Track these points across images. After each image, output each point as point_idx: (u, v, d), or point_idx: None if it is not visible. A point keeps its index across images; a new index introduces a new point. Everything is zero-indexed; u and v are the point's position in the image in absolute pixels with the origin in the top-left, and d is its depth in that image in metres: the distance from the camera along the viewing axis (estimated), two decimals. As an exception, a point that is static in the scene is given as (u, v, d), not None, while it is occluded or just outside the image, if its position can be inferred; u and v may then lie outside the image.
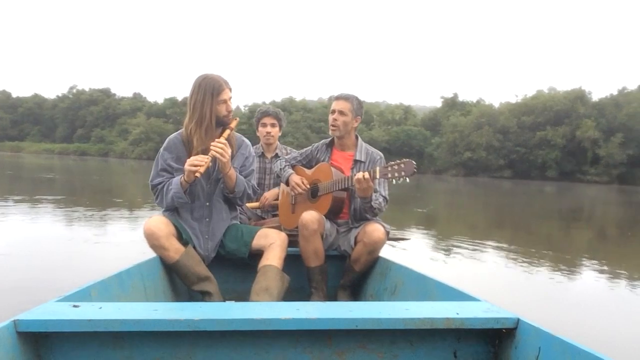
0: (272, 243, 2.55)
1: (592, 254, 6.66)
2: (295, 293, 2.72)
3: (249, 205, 3.42)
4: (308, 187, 2.94)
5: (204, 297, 2.49)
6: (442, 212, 13.30)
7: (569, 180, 46.05)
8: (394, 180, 2.52)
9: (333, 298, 2.88)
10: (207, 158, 2.40)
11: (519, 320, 1.58)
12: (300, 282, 2.78)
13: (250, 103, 64.09)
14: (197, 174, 2.38)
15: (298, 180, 2.93)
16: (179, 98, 69.35)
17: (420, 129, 58.05)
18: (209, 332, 1.49)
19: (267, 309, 1.58)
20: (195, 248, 2.58)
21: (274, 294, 2.36)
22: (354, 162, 2.95)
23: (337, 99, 2.96)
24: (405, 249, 5.77)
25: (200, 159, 2.39)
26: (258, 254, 2.58)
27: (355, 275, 2.81)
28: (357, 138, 3.04)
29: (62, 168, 28.71)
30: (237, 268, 2.77)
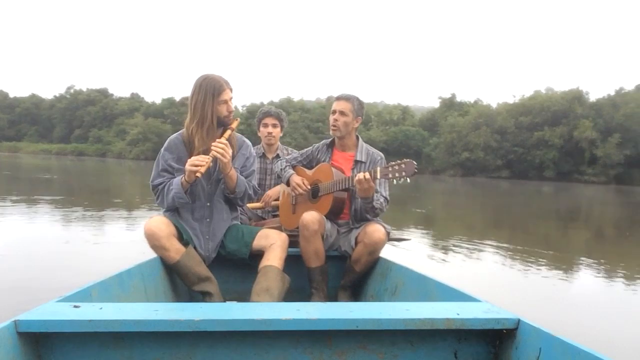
0: (272, 243, 2.55)
1: (591, 254, 6.68)
2: (296, 293, 2.71)
3: (250, 206, 3.41)
4: (309, 187, 2.94)
5: (205, 297, 2.49)
6: (440, 212, 13.31)
7: (567, 181, 46.11)
8: (395, 181, 2.52)
9: (333, 298, 2.88)
10: (207, 158, 2.40)
11: (520, 321, 1.58)
12: (301, 282, 2.77)
13: (248, 103, 64.05)
14: (197, 174, 2.38)
15: (299, 181, 2.93)
16: (177, 98, 69.32)
17: (418, 129, 58.09)
18: (210, 332, 1.49)
19: (267, 310, 1.58)
20: (196, 248, 2.58)
21: (275, 295, 2.36)
22: (355, 162, 2.95)
23: (337, 100, 2.96)
24: (405, 249, 5.77)
25: (201, 159, 2.39)
26: (259, 255, 2.58)
27: (356, 276, 2.82)
28: (357, 138, 3.04)
29: (59, 168, 28.66)
30: (237, 268, 2.77)
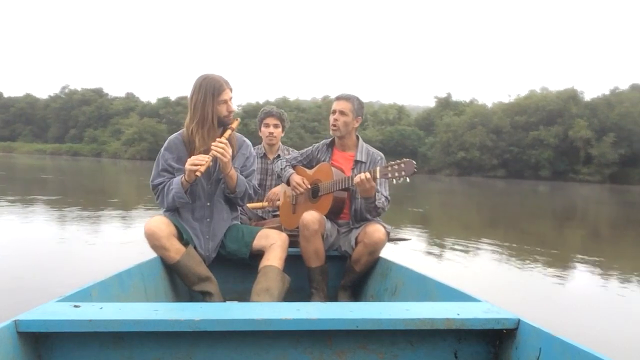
0: (272, 243, 2.55)
1: (588, 253, 6.69)
2: (296, 293, 2.71)
3: (250, 206, 3.41)
4: (309, 186, 2.94)
5: (205, 297, 2.49)
6: (438, 211, 13.34)
7: (562, 180, 46.29)
8: (394, 180, 2.52)
9: (333, 298, 2.88)
10: (207, 157, 2.40)
11: (520, 321, 1.58)
12: (301, 282, 2.77)
13: (244, 103, 63.90)
14: (197, 173, 2.38)
15: (299, 180, 2.93)
16: (172, 98, 69.15)
17: (414, 129, 58.20)
18: (210, 332, 1.49)
19: (267, 310, 1.58)
20: (196, 248, 2.58)
21: (275, 295, 2.36)
22: (355, 162, 2.95)
23: (337, 99, 2.96)
24: (404, 249, 5.78)
25: (201, 159, 2.39)
26: (259, 255, 2.58)
27: (356, 276, 2.81)
28: (357, 138, 3.04)
29: (55, 168, 28.54)
30: (237, 268, 2.77)
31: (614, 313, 3.76)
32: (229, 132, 2.54)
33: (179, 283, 2.57)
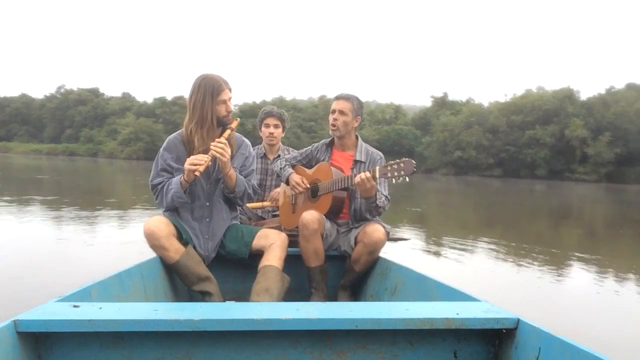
0: (272, 243, 2.55)
1: (586, 253, 6.70)
2: (296, 293, 2.71)
3: (250, 206, 3.40)
4: (308, 185, 2.94)
5: (204, 297, 2.49)
6: (435, 211, 13.35)
7: (558, 179, 46.44)
8: (394, 180, 2.53)
9: (333, 298, 2.88)
10: (206, 157, 2.40)
11: (519, 321, 1.59)
12: (301, 282, 2.77)
13: (241, 102, 63.86)
14: (196, 173, 2.38)
15: (298, 180, 2.93)
16: (169, 98, 69.04)
17: (411, 128, 58.31)
18: (209, 332, 1.49)
19: (267, 309, 1.58)
20: (196, 248, 2.58)
21: (274, 294, 2.36)
22: (354, 162, 2.95)
23: (337, 99, 2.96)
24: (404, 248, 5.79)
25: (200, 158, 2.39)
26: (258, 254, 2.58)
27: (356, 276, 2.81)
28: (357, 138, 3.04)
29: (51, 168, 28.44)
30: (237, 268, 2.77)
31: (613, 312, 3.77)
32: (228, 132, 2.53)
33: (179, 283, 2.57)
